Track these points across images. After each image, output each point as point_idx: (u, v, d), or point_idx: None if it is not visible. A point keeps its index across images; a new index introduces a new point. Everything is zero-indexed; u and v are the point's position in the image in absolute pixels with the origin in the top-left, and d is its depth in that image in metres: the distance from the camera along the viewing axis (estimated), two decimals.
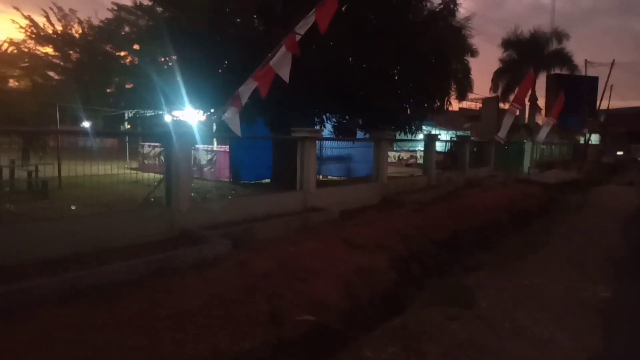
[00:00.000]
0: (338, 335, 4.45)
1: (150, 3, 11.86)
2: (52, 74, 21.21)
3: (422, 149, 15.34)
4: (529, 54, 31.86)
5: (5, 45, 9.25)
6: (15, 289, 3.87)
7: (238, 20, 10.19)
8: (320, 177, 12.85)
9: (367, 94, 10.35)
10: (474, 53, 14.50)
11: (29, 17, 22.86)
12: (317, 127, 11.23)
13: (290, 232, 6.87)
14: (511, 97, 27.59)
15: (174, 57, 10.64)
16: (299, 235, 6.70)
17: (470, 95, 27.48)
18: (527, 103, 32.31)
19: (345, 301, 5.09)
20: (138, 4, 12.96)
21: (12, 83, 8.78)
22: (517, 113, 15.81)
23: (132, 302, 4.08)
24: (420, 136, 14.76)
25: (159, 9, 11.77)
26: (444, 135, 24.40)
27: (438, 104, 12.46)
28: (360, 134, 12.26)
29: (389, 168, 11.84)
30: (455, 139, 22.68)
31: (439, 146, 14.86)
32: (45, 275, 4.29)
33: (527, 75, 17.42)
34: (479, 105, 37.18)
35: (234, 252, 5.62)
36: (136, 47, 14.17)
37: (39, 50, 22.03)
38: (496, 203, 11.31)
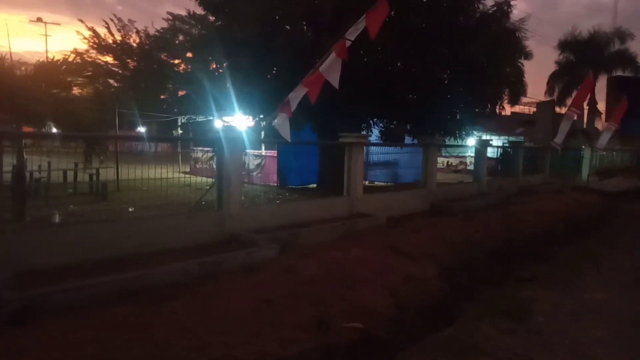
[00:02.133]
0: (386, 344, 4.38)
1: (203, 12, 12.30)
2: (111, 81, 22.43)
3: (472, 154, 14.91)
4: (587, 55, 30.28)
5: (72, 55, 9.91)
6: (77, 287, 4.08)
7: (287, 27, 10.37)
8: (367, 182, 12.77)
9: (416, 99, 10.21)
10: (528, 55, 13.96)
11: (91, 29, 24.32)
12: (364, 133, 11.18)
13: (336, 237, 6.85)
14: (568, 101, 26.36)
15: (225, 65, 10.97)
16: (346, 241, 6.67)
17: (524, 99, 26.46)
18: (586, 107, 30.70)
19: (393, 310, 5.01)
20: (192, 13, 13.47)
21: (76, 91, 9.32)
22: (575, 118, 15.06)
23: (185, 303, 4.20)
24: (470, 141, 14.36)
25: (211, 18, 12.18)
26: (496, 140, 23.60)
27: (489, 108, 12.10)
28: (408, 139, 12.09)
29: (437, 174, 11.59)
30: (507, 144, 21.91)
31: (490, 152, 14.37)
32: (105, 275, 4.49)
33: (586, 78, 16.59)
34: (533, 109, 35.74)
35: (282, 256, 5.67)
36: (189, 55, 14.72)
37: (100, 59, 23.36)
38: (551, 212, 10.81)
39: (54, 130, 8.69)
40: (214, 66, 12.47)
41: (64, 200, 9.47)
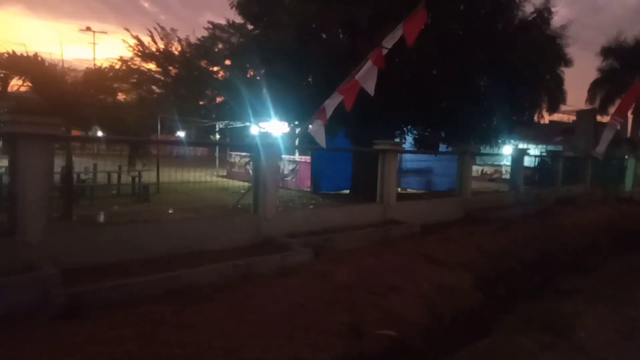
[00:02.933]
0: (420, 353, 4.35)
1: (242, 21, 12.59)
2: (154, 87, 23.27)
3: (508, 163, 14.56)
4: (633, 62, 28.97)
5: (118, 63, 10.39)
6: (120, 285, 4.25)
7: (323, 35, 10.48)
8: (399, 189, 12.69)
9: (451, 106, 10.10)
10: (568, 63, 13.54)
11: (136, 37, 25.36)
12: (398, 140, 11.14)
13: (369, 244, 6.85)
14: (611, 110, 25.29)
15: (262, 72, 11.18)
16: (379, 248, 6.66)
17: (563, 107, 25.58)
18: (631, 116, 29.36)
19: (427, 319, 4.96)
20: (231, 22, 13.82)
21: (121, 96, 9.71)
22: (618, 127, 14.45)
23: (221, 305, 4.31)
24: (507, 150, 14.03)
25: (250, 27, 12.46)
26: (533, 149, 22.94)
27: (527, 116, 11.81)
28: (442, 147, 11.96)
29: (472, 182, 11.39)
30: (545, 153, 21.23)
31: (528, 161, 13.99)
32: (144, 274, 4.65)
33: (632, 86, 15.87)
34: (573, 117, 34.50)
35: (315, 261, 5.72)
36: (228, 62, 15.08)
37: (143, 66, 24.29)
38: (593, 223, 10.42)
39: (100, 133, 9.11)
40: (251, 73, 12.75)
41: (108, 201, 9.89)
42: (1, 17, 75.52)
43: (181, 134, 26.69)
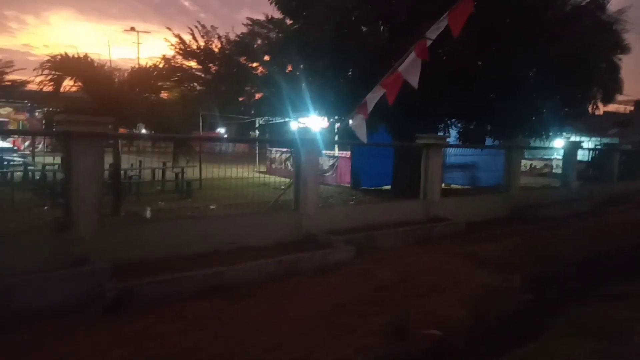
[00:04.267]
0: (464, 355, 4.21)
1: (281, 17, 12.62)
2: (195, 85, 23.74)
3: (559, 157, 13.93)
4: None
5: (161, 62, 10.64)
6: (166, 280, 4.36)
7: (363, 29, 10.33)
8: (443, 185, 12.40)
9: (498, 98, 9.73)
10: (625, 49, 12.73)
11: (178, 36, 25.90)
12: (442, 134, 10.87)
13: (412, 242, 6.73)
14: None
15: (301, 67, 11.16)
16: (422, 246, 6.53)
17: (619, 98, 24.18)
18: None
19: (471, 320, 4.80)
20: (270, 18, 13.88)
21: (164, 94, 9.96)
22: None
23: (264, 301, 4.34)
24: (558, 143, 13.41)
25: (289, 22, 12.46)
26: (586, 142, 21.81)
27: (579, 108, 11.22)
28: (488, 141, 11.56)
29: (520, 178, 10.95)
30: (599, 146, 20.14)
31: (580, 155, 13.31)
32: (190, 270, 4.75)
33: None
34: (630, 108, 32.61)
35: (357, 259, 5.67)
36: (267, 58, 15.17)
37: (185, 64, 24.84)
38: None
39: (143, 131, 9.38)
40: (290, 68, 12.76)
41: (153, 197, 10.19)
42: (54, 21, 79.46)
43: (221, 130, 27.22)
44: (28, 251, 4.36)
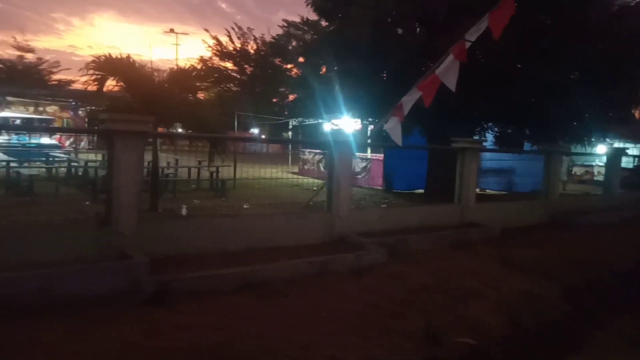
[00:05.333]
0: None
1: (316, 18, 12.67)
2: (230, 85, 24.22)
3: (601, 163, 13.39)
4: None
5: (200, 63, 10.94)
6: (202, 276, 4.44)
7: (399, 31, 10.25)
8: (478, 190, 12.16)
9: (537, 101, 9.45)
10: None
11: (215, 37, 26.55)
12: (477, 137, 10.65)
13: (445, 246, 6.61)
14: None
15: (335, 68, 11.17)
16: (456, 251, 6.41)
17: None
18: None
19: (508, 329, 4.68)
20: (305, 19, 13.95)
21: (201, 94, 10.17)
22: None
23: (296, 300, 4.36)
24: (600, 149, 12.90)
25: (324, 24, 12.50)
26: (632, 148, 20.86)
27: (625, 112, 10.77)
28: (526, 146, 11.25)
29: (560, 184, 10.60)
30: None
31: (625, 161, 12.76)
32: (225, 267, 4.82)
33: None
34: None
35: (389, 262, 5.61)
36: (301, 59, 15.26)
37: (221, 65, 25.38)
38: None
39: (179, 130, 9.62)
40: (324, 70, 12.79)
41: (188, 195, 10.43)
42: (98, 23, 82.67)
43: (255, 131, 27.60)
44: (72, 243, 4.53)
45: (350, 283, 4.85)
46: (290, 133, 22.16)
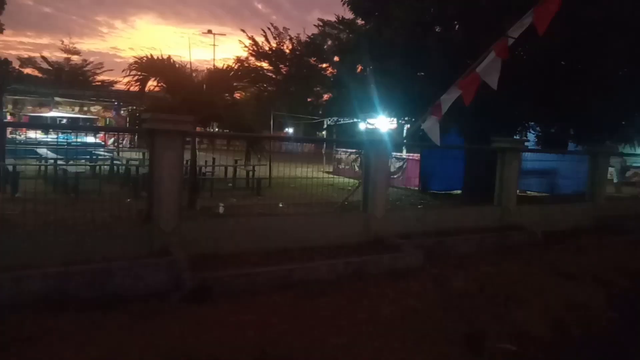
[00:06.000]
0: None
1: (352, 17, 12.61)
2: (266, 85, 24.48)
3: None
4: None
5: (237, 63, 11.12)
6: (241, 274, 4.50)
7: (437, 29, 10.06)
8: (518, 191, 11.79)
9: (583, 100, 9.05)
10: None
11: (251, 38, 26.90)
12: (518, 137, 10.32)
13: (485, 249, 6.44)
14: None
15: (371, 67, 11.08)
16: (496, 255, 6.23)
17: None
18: None
19: (552, 336, 4.50)
20: (341, 18, 13.92)
21: (237, 94, 10.30)
22: None
23: (333, 301, 4.34)
24: None
25: (360, 22, 12.42)
26: None
27: None
28: (571, 146, 10.81)
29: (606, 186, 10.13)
30: None
31: None
32: (262, 265, 4.87)
33: None
34: None
35: (427, 264, 5.52)
36: (336, 59, 15.23)
37: (257, 65, 25.67)
38: None
39: (217, 129, 9.74)
40: (360, 69, 12.71)
41: (225, 194, 10.59)
42: (139, 25, 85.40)
43: (290, 130, 27.78)
44: (116, 240, 4.68)
45: (388, 285, 4.79)
46: (324, 132, 22.16)
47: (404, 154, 14.50)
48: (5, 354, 2.99)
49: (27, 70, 39.25)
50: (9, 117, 23.10)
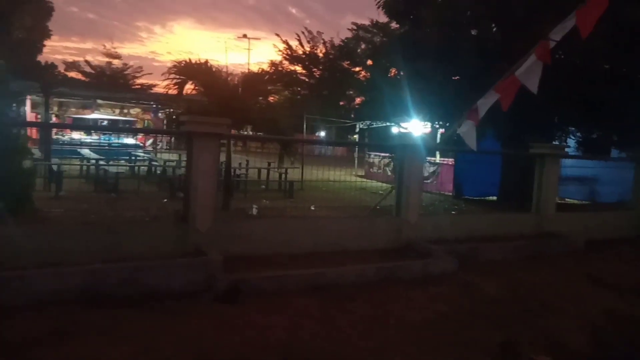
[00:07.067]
0: None
1: (386, 20, 12.57)
2: (299, 89, 24.68)
3: None
4: None
5: (271, 67, 11.28)
6: (273, 276, 4.55)
7: (473, 32, 9.90)
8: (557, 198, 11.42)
9: (626, 104, 8.68)
10: None
11: (285, 42, 27.18)
12: (557, 142, 10.00)
13: (521, 257, 6.27)
14: None
15: (405, 71, 10.99)
16: (533, 263, 6.05)
17: None
18: None
19: (592, 349, 4.33)
20: (374, 22, 13.89)
21: (271, 98, 10.43)
22: None
23: (363, 305, 4.33)
24: None
25: (394, 26, 12.37)
26: None
27: None
28: (614, 152, 10.40)
29: None
30: None
31: None
32: (293, 268, 4.90)
33: None
34: None
35: (460, 271, 5.42)
36: (369, 62, 15.21)
37: (290, 69, 25.92)
38: None
39: (250, 132, 9.89)
40: (393, 73, 12.64)
41: (258, 195, 10.74)
42: (177, 30, 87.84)
43: (322, 133, 27.88)
44: (152, 239, 4.82)
45: (419, 291, 4.73)
46: (356, 136, 22.11)
47: (438, 159, 14.31)
48: (46, 347, 3.12)
49: (72, 74, 41.05)
50: (54, 119, 24.17)
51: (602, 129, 9.92)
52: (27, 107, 21.82)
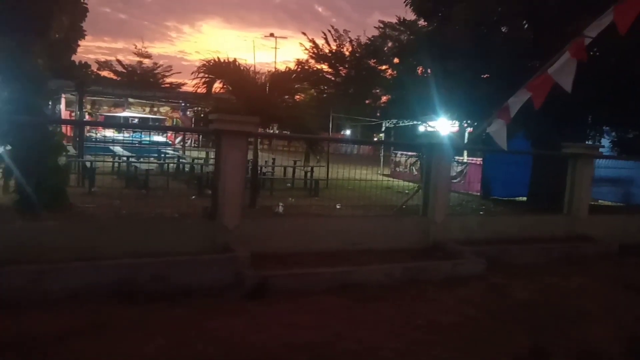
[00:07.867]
0: None
1: (414, 18, 12.43)
2: (325, 87, 24.69)
3: None
4: None
5: (298, 66, 11.34)
6: (300, 274, 4.58)
7: (503, 29, 9.70)
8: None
9: None
10: None
11: (312, 40, 27.24)
12: (590, 142, 9.71)
13: (552, 260, 6.11)
14: None
15: (433, 69, 10.86)
16: (565, 267, 5.89)
17: None
18: None
19: (627, 357, 4.19)
20: (402, 20, 13.77)
21: (297, 96, 10.47)
22: None
23: (390, 305, 4.30)
24: None
25: (422, 23, 12.22)
26: None
27: None
28: None
29: None
30: None
31: None
32: (320, 266, 4.90)
33: None
34: None
35: (488, 273, 5.32)
36: (396, 61, 15.07)
37: (316, 67, 25.96)
38: None
39: (276, 130, 9.95)
40: (421, 71, 12.49)
41: (284, 193, 10.81)
42: (205, 30, 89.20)
43: (348, 132, 27.84)
44: (180, 235, 4.91)
45: (447, 292, 4.67)
46: (382, 135, 21.97)
47: (465, 158, 14.09)
48: (82, 339, 3.23)
49: (104, 73, 42.19)
50: (87, 117, 24.89)
51: (639, 129, 9.58)
52: (62, 105, 22.56)
